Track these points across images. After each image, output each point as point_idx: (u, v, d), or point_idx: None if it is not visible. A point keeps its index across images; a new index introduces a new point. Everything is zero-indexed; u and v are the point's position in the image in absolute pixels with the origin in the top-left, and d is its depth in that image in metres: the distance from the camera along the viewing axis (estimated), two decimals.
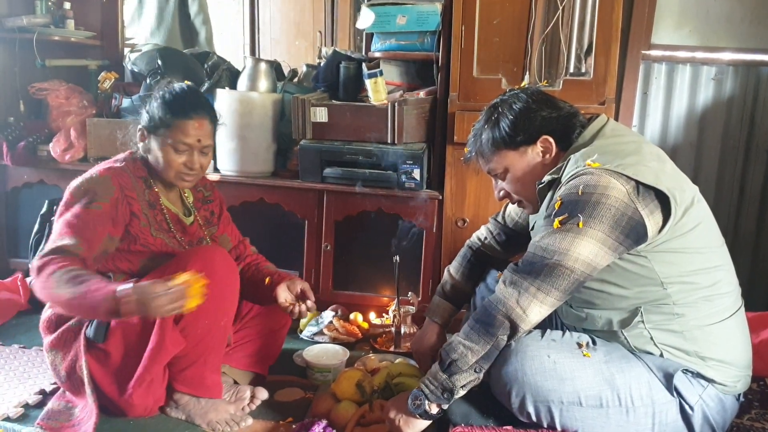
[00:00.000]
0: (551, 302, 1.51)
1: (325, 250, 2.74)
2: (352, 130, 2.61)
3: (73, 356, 1.81)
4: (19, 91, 3.07)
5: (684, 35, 2.95)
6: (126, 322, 1.76)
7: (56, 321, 1.86)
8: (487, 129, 1.72)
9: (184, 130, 1.88)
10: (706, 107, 2.98)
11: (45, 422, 1.81)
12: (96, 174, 1.84)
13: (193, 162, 1.91)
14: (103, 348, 1.79)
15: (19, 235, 3.12)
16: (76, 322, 1.84)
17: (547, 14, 2.54)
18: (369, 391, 1.92)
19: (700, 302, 1.56)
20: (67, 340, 1.83)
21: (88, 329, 1.81)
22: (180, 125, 1.88)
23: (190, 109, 1.90)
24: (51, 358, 1.86)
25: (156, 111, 1.90)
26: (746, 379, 1.64)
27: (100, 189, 1.81)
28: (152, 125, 1.91)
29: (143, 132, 1.94)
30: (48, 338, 1.87)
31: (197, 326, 1.77)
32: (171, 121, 1.88)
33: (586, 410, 1.55)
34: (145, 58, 3.09)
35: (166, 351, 1.75)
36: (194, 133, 1.89)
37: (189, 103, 1.91)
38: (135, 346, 1.78)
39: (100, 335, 1.79)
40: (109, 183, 1.83)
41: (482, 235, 2.08)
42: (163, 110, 1.89)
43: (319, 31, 4.10)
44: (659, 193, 1.48)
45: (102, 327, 1.79)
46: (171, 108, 1.89)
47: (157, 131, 1.90)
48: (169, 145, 1.88)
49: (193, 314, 1.72)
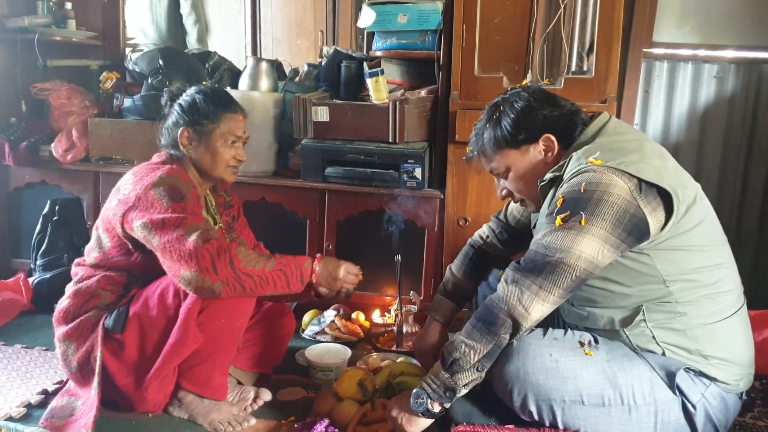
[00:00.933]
0: (553, 300, 1.51)
1: (327, 249, 2.74)
2: (353, 130, 2.61)
3: (88, 347, 1.82)
4: (21, 92, 3.08)
5: (685, 33, 2.95)
6: (146, 315, 1.78)
7: (73, 312, 1.87)
8: (488, 128, 1.72)
9: (233, 122, 1.95)
10: (707, 105, 2.98)
11: (48, 422, 1.81)
12: (164, 174, 1.82)
13: (242, 154, 1.98)
14: (120, 339, 1.80)
15: (21, 235, 3.13)
16: (94, 314, 1.84)
17: (549, 12, 2.54)
18: (371, 390, 1.92)
19: (703, 300, 1.55)
20: (84, 330, 1.83)
21: (107, 320, 1.81)
22: (229, 118, 1.95)
23: (233, 103, 1.99)
24: (63, 348, 1.86)
25: (201, 107, 1.92)
26: (749, 377, 1.64)
27: (179, 185, 1.81)
28: (199, 122, 1.92)
29: (187, 132, 1.92)
30: (62, 329, 1.87)
31: (214, 324, 1.78)
32: (220, 115, 1.93)
33: (588, 409, 1.55)
34: (147, 58, 3.10)
35: (187, 346, 1.76)
36: (241, 125, 1.98)
37: (230, 98, 2.00)
38: (153, 340, 1.79)
39: (119, 326, 1.80)
40: (182, 180, 1.84)
41: (484, 234, 2.08)
42: (209, 105, 1.93)
43: (321, 31, 4.10)
44: (661, 190, 1.47)
45: (121, 317, 1.80)
46: (217, 103, 1.94)
47: (205, 127, 1.92)
48: (219, 138, 1.93)
49: (211, 311, 1.74)
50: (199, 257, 1.63)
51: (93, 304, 1.86)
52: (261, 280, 1.70)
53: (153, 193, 1.76)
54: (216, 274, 1.64)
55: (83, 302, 1.87)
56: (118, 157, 2.93)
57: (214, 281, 1.64)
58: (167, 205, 1.73)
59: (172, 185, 1.79)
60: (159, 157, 1.96)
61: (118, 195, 1.85)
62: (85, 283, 1.90)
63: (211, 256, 1.64)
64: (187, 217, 1.72)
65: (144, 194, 1.77)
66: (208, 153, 1.93)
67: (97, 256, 1.90)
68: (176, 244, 1.66)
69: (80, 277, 1.93)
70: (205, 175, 1.97)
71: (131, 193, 1.79)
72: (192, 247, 1.64)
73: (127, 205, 1.78)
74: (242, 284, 1.67)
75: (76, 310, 1.87)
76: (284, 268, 1.74)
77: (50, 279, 2.73)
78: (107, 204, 1.90)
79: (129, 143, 2.91)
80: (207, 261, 1.63)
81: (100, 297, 1.87)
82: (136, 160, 2.88)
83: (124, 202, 1.79)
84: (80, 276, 1.93)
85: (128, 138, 2.91)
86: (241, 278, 1.67)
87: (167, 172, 1.83)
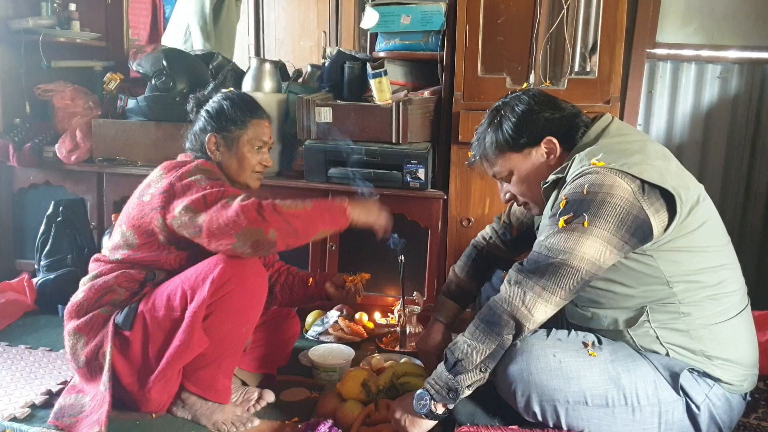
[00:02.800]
0: (556, 302, 1.51)
1: (331, 249, 2.75)
2: (356, 130, 2.61)
3: (98, 342, 1.82)
4: (25, 93, 3.08)
5: (689, 33, 2.95)
6: (153, 315, 1.78)
7: (87, 307, 1.86)
8: (490, 132, 1.72)
9: (260, 128, 2.00)
10: (711, 106, 2.98)
11: (59, 421, 1.81)
12: (199, 164, 1.88)
13: (268, 159, 2.02)
14: (128, 336, 1.80)
15: (25, 236, 3.13)
16: (107, 309, 1.84)
17: (552, 13, 2.54)
18: (374, 391, 1.92)
19: (706, 301, 1.55)
20: (95, 325, 1.83)
21: (118, 316, 1.82)
22: (256, 124, 1.99)
23: (259, 109, 2.03)
24: (72, 342, 1.86)
25: (228, 114, 1.96)
26: (753, 378, 1.64)
27: (216, 173, 1.90)
28: (226, 128, 1.96)
29: (215, 138, 1.96)
30: (74, 322, 1.87)
31: (220, 329, 1.78)
32: (247, 121, 1.97)
33: (592, 409, 1.55)
34: (150, 59, 3.10)
35: (192, 350, 1.75)
36: (267, 131, 2.02)
37: (257, 104, 2.05)
38: (158, 340, 1.79)
39: (128, 323, 1.80)
40: (216, 171, 1.92)
41: (487, 235, 2.08)
42: (236, 112, 1.97)
43: (324, 32, 4.11)
44: (664, 191, 1.47)
45: (131, 314, 1.81)
46: (244, 109, 1.99)
47: (232, 133, 1.96)
48: (246, 144, 1.97)
49: (218, 316, 1.75)
50: (246, 212, 1.67)
51: (107, 300, 1.86)
52: (308, 218, 1.73)
53: (189, 179, 1.80)
54: (267, 221, 1.67)
55: (98, 297, 1.86)
56: (122, 158, 2.93)
57: (268, 229, 1.67)
58: (205, 184, 1.78)
59: (208, 170, 1.87)
60: (186, 156, 2.00)
61: (149, 190, 1.86)
62: (102, 278, 1.89)
63: (256, 208, 1.68)
64: (227, 189, 1.77)
65: (179, 181, 1.80)
66: (235, 158, 1.97)
67: (125, 253, 1.89)
68: (221, 211, 1.69)
69: (99, 272, 1.92)
70: (230, 181, 1.98)
71: (166, 183, 1.82)
72: (237, 206, 1.68)
73: (166, 194, 1.80)
74: (293, 226, 1.70)
75: (90, 304, 1.86)
76: (322, 204, 1.78)
77: (54, 279, 2.73)
78: (134, 200, 1.91)
79: (133, 144, 2.91)
80: (254, 213, 1.67)
81: (116, 293, 1.86)
82: (140, 160, 2.89)
83: (162, 193, 1.81)
84: (98, 271, 1.92)
85: (132, 139, 2.91)
86: (290, 221, 1.69)
87: (202, 163, 1.91)
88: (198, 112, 2.02)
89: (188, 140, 2.03)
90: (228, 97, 2.00)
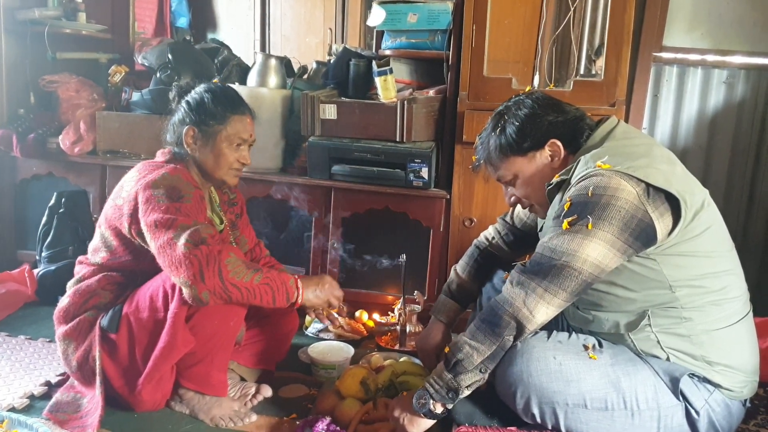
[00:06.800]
0: (558, 303, 1.51)
1: (332, 247, 2.74)
2: (361, 128, 2.61)
3: (86, 347, 1.82)
4: (30, 84, 3.08)
5: (696, 38, 2.94)
6: (137, 316, 1.77)
7: (73, 312, 1.86)
8: (493, 136, 1.72)
9: (240, 124, 1.92)
10: (716, 110, 2.97)
11: (53, 414, 1.81)
12: (167, 173, 1.79)
13: (246, 157, 1.95)
14: (115, 339, 1.79)
15: (27, 226, 3.13)
16: (92, 313, 1.84)
17: (559, 15, 2.54)
18: (373, 389, 1.92)
19: (708, 306, 1.55)
20: (82, 330, 1.83)
21: (103, 319, 1.81)
22: (236, 120, 1.91)
23: (242, 105, 1.95)
24: (63, 347, 1.87)
25: (209, 107, 1.89)
26: (753, 384, 1.63)
27: (180, 185, 1.77)
28: (205, 122, 1.88)
29: (193, 131, 1.89)
30: (62, 328, 1.87)
31: (207, 325, 1.77)
32: (228, 116, 1.90)
33: (591, 413, 1.54)
34: (156, 52, 3.10)
35: (177, 350, 1.75)
36: (248, 128, 1.94)
37: (240, 100, 1.96)
38: (143, 342, 1.78)
39: (114, 325, 1.79)
40: (184, 180, 1.80)
41: (490, 235, 2.08)
42: (217, 106, 1.89)
43: (330, 29, 4.10)
44: (669, 195, 1.47)
45: (116, 317, 1.79)
46: (225, 104, 1.91)
47: (211, 128, 1.89)
48: (225, 140, 1.90)
49: (203, 313, 1.74)
50: (187, 265, 1.62)
51: (92, 304, 1.85)
52: (248, 292, 1.68)
53: (152, 192, 1.74)
54: (203, 283, 1.62)
55: (83, 301, 1.86)
56: (126, 151, 2.93)
57: (201, 290, 1.62)
58: (162, 204, 1.71)
59: (172, 185, 1.76)
60: (163, 155, 1.93)
61: (121, 193, 1.83)
62: (85, 282, 1.89)
63: (200, 263, 1.62)
64: (178, 218, 1.68)
65: (143, 191, 1.75)
66: (212, 154, 1.90)
67: (104, 256, 1.89)
68: (168, 249, 1.65)
69: (81, 275, 1.92)
70: (206, 176, 1.94)
71: (133, 190, 1.78)
72: (181, 254, 1.63)
73: (133, 203, 1.76)
74: (229, 295, 1.66)
75: (76, 309, 1.86)
76: (270, 283, 1.72)
77: (55, 271, 2.73)
78: (110, 202, 1.88)
79: (136, 137, 2.91)
80: (195, 268, 1.61)
81: (100, 296, 1.86)
82: (143, 154, 2.89)
83: (130, 201, 1.78)
84: (81, 275, 1.92)
85: (136, 132, 2.91)
86: (228, 289, 1.64)
87: (170, 171, 1.80)
88: (179, 102, 1.95)
89: (168, 131, 1.95)
90: (210, 89, 1.93)
